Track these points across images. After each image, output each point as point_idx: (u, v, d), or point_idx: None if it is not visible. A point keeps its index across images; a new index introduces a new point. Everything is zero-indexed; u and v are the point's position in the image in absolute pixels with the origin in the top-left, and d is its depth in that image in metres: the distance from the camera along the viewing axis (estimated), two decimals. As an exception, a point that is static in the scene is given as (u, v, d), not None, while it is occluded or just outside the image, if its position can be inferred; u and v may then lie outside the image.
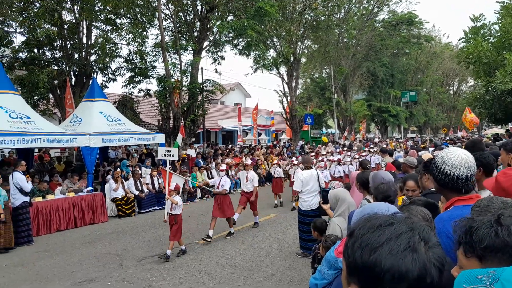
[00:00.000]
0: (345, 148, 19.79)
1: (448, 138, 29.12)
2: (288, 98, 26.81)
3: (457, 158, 2.06)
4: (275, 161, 14.72)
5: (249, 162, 10.44)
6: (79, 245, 8.88)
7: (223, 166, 10.13)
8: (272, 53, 25.51)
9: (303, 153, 19.18)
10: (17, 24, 15.55)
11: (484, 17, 23.17)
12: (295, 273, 6.63)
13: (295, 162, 12.85)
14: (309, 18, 25.98)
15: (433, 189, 3.30)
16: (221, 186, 9.04)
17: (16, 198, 8.93)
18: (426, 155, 7.84)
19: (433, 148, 10.60)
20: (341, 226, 4.49)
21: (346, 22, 29.01)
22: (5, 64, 14.96)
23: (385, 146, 19.73)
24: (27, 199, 9.13)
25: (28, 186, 9.05)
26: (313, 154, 15.98)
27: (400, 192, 4.17)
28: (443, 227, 1.91)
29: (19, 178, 8.95)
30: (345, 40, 31.54)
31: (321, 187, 7.70)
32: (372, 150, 16.85)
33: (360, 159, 14.08)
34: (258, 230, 9.65)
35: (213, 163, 16.86)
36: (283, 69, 26.57)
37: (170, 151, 8.88)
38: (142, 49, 18.45)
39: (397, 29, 32.58)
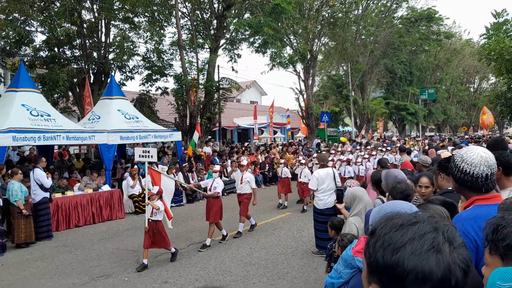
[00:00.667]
0: (361, 147, 19.58)
1: (467, 136, 28.56)
2: (305, 95, 26.69)
3: (477, 157, 2.01)
4: (282, 161, 14.11)
5: (245, 162, 9.67)
6: (97, 241, 9.02)
7: (244, 162, 9.70)
8: (288, 50, 25.43)
9: (319, 151, 19.07)
10: (38, 23, 15.88)
11: (507, 13, 22.57)
12: (311, 271, 6.60)
13: (302, 161, 12.49)
14: (326, 15, 25.80)
15: (450, 188, 3.24)
16: (213, 188, 8.34)
17: (36, 194, 9.13)
18: (444, 153, 7.72)
19: (452, 147, 10.41)
20: (357, 226, 4.45)
21: (364, 19, 28.70)
22: (27, 63, 15.31)
23: (402, 144, 19.45)
24: (47, 195, 9.32)
25: (48, 182, 9.23)
26: (332, 152, 15.91)
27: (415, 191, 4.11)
28: (462, 226, 1.87)
29: (39, 174, 9.14)
30: (362, 37, 31.21)
31: (337, 185, 7.65)
32: (384, 149, 16.25)
33: (376, 158, 13.85)
34: (274, 228, 9.63)
35: (229, 161, 16.90)
36: (299, 67, 26.47)
37: (148, 151, 7.77)
38: (160, 48, 18.64)
39: (416, 26, 32.06)
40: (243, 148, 21.12)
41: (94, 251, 8.15)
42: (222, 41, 20.06)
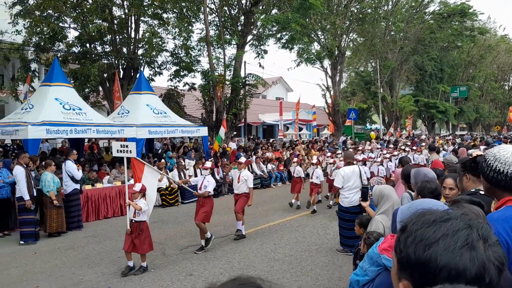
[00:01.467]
0: (384, 146, 19.22)
1: (501, 136, 27.58)
2: (331, 92, 26.42)
3: (511, 155, 1.94)
4: (294, 159, 13.16)
5: (242, 160, 8.98)
6: (124, 232, 9.22)
7: (242, 159, 9.13)
8: (316, 46, 25.21)
9: (345, 148, 18.86)
10: (71, 19, 16.34)
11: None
12: (335, 269, 6.56)
13: (314, 161, 11.78)
14: (355, 10, 25.40)
15: (474, 190, 3.13)
16: (204, 187, 7.72)
17: (68, 185, 9.44)
18: (476, 153, 7.50)
19: (485, 146, 10.08)
20: (384, 224, 4.38)
21: (394, 14, 28.09)
22: (60, 58, 15.77)
23: (431, 143, 18.96)
24: (77, 186, 9.62)
25: (79, 174, 9.52)
26: (359, 149, 15.72)
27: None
28: (493, 227, 1.82)
29: (70, 167, 9.44)
30: (392, 33, 30.55)
31: (363, 183, 7.55)
32: (407, 149, 15.61)
33: (397, 158, 13.45)
34: (298, 225, 9.60)
35: (254, 157, 16.95)
36: (327, 63, 26.20)
37: (126, 146, 7.05)
38: (187, 44, 18.82)
39: (449, 21, 31.10)
40: (268, 144, 21.13)
41: (121, 243, 8.31)
42: (249, 37, 20.08)
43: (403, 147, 16.10)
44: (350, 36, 27.34)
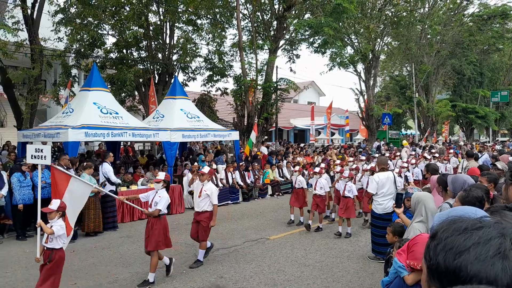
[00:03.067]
0: (415, 152, 18.69)
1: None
2: (365, 96, 26.02)
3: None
4: (296, 168, 10.99)
5: (206, 170, 7.23)
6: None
7: (206, 169, 7.39)
8: (349, 50, 24.93)
9: (379, 154, 18.50)
10: (109, 26, 16.95)
11: None
12: (366, 276, 6.44)
13: (317, 170, 9.98)
14: (390, 14, 24.94)
15: None
16: (154, 204, 6.29)
17: (104, 187, 9.76)
18: (518, 160, 7.18)
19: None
20: (422, 231, 4.28)
21: (430, 17, 27.37)
22: (98, 64, 16.38)
23: (469, 149, 18.28)
24: (113, 188, 9.92)
25: (115, 178, 9.82)
26: (397, 155, 15.37)
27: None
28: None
29: (107, 169, 9.76)
30: (428, 36, 29.79)
31: (397, 189, 7.39)
32: (429, 156, 14.34)
33: (415, 168, 12.47)
34: (329, 231, 9.48)
35: (284, 161, 16.92)
36: (360, 67, 25.85)
37: (41, 150, 5.94)
38: (221, 49, 19.08)
39: (489, 24, 30.01)
40: (299, 149, 21.04)
41: (155, 243, 8.54)
42: (282, 42, 20.13)
43: (424, 155, 14.85)
44: (384, 39, 26.86)
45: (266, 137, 21.73)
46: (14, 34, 13.50)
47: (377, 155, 15.83)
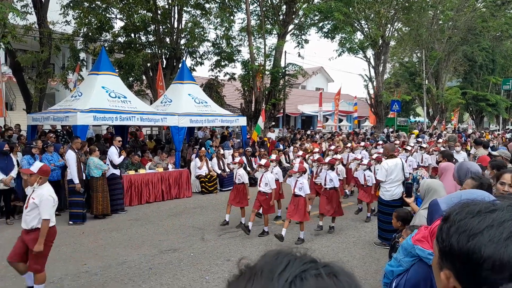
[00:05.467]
0: (431, 138, 18.55)
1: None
2: (374, 83, 25.76)
3: None
4: (273, 156, 9.44)
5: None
6: (165, 217, 9.55)
7: (332, 147, 9.40)
8: (359, 35, 24.60)
9: (387, 141, 18.40)
10: (118, 10, 16.87)
11: None
12: (372, 262, 6.48)
13: (263, 162, 8.24)
14: (401, -1, 24.50)
15: None
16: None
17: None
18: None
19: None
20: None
21: (443, 2, 26.80)
22: (107, 48, 16.37)
23: (477, 137, 18.06)
24: (116, 171, 9.95)
25: (116, 159, 9.85)
26: (397, 142, 15.20)
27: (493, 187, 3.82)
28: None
29: (111, 151, 9.87)
30: (440, 22, 29.23)
31: (405, 176, 7.37)
32: (424, 146, 12.49)
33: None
34: (336, 217, 9.47)
35: (291, 147, 16.91)
36: (370, 53, 25.53)
37: None
38: (229, 34, 18.95)
39: (503, 9, 29.35)
40: (306, 136, 20.98)
41: (162, 226, 8.65)
42: (291, 27, 19.92)
43: (409, 146, 12.18)
44: (395, 25, 26.44)
45: (273, 123, 21.68)
46: (23, 17, 13.51)
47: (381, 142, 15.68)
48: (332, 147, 11.54)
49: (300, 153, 10.74)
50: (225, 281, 0.75)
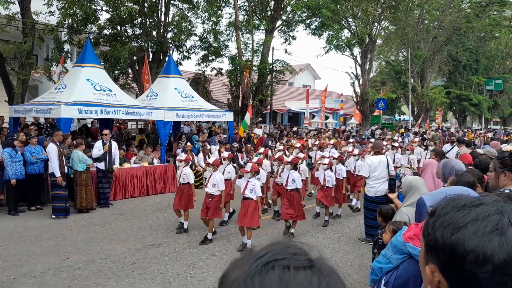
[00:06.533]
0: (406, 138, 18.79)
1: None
2: (360, 81, 25.96)
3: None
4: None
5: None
6: (150, 212, 9.48)
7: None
8: (346, 33, 24.73)
9: (372, 139, 18.56)
10: (103, 2, 16.59)
11: None
12: (356, 258, 6.55)
13: (210, 161, 7.49)
14: (388, -3, 24.68)
15: (508, 189, 3.03)
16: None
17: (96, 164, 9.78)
18: (507, 148, 7.25)
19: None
20: (410, 216, 4.33)
21: (429, 2, 27.13)
22: (92, 40, 16.10)
23: (460, 136, 18.38)
24: (100, 166, 9.84)
25: (94, 153, 9.75)
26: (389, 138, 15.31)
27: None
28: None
29: (95, 145, 9.81)
30: (426, 22, 29.60)
31: (389, 174, 7.45)
32: (396, 145, 12.08)
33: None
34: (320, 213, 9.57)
35: (277, 144, 16.93)
36: (357, 51, 25.73)
37: None
38: (216, 28, 18.83)
39: (487, 11, 29.82)
40: (292, 132, 21.03)
41: (147, 221, 8.59)
42: (278, 23, 19.91)
43: (385, 143, 12.07)
44: (381, 24, 26.66)
45: (260, 119, 21.68)
46: (6, 6, 13.18)
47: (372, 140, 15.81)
48: (317, 142, 11.59)
49: (281, 147, 10.70)
50: (209, 276, 0.77)
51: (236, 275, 0.72)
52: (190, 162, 8.40)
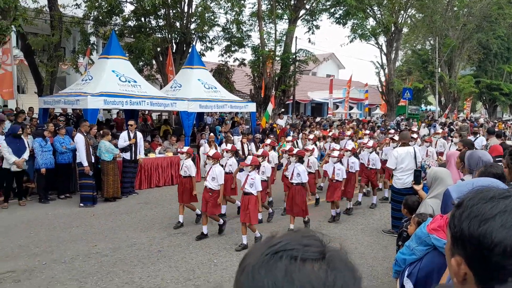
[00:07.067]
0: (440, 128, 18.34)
1: None
2: (386, 70, 25.43)
3: None
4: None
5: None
6: (175, 201, 9.56)
7: (311, 136, 9.30)
8: (371, 22, 24.21)
9: (398, 129, 18.24)
10: (128, -7, 16.79)
11: None
12: (380, 249, 6.49)
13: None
14: (415, -16, 24.00)
15: None
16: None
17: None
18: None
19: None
20: (434, 208, 4.26)
21: (458, -12, 26.26)
22: (117, 32, 16.34)
23: (490, 127, 17.80)
24: (125, 156, 10.05)
25: (120, 143, 9.93)
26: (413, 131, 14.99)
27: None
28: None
29: (121, 136, 10.01)
30: (455, 8, 28.64)
31: (417, 165, 7.31)
32: (414, 136, 10.79)
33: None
34: (343, 204, 9.48)
35: (300, 134, 16.86)
36: (382, 39, 25.14)
37: None
38: (239, 18, 18.77)
39: (520, -4, 28.61)
40: (315, 123, 20.89)
41: (172, 210, 8.74)
42: (302, 12, 19.67)
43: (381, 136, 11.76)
44: (408, 12, 25.93)
45: (282, 109, 21.60)
46: (34, 0, 13.51)
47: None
48: (330, 134, 11.34)
49: (311, 136, 10.61)
50: (233, 265, 0.78)
51: (248, 262, 0.73)
52: (193, 155, 8.11)
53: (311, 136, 10.62)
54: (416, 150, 7.53)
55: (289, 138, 9.32)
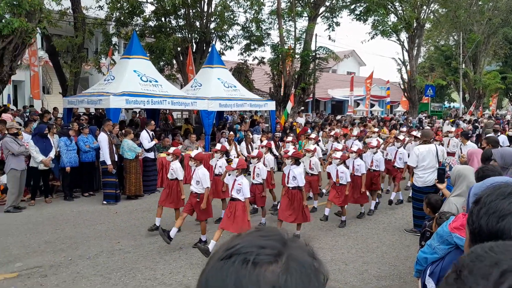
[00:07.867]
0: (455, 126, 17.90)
1: None
2: (408, 67, 25.00)
3: None
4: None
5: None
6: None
7: (313, 135, 9.21)
8: (392, 18, 23.84)
9: (420, 127, 17.93)
10: (149, -6, 17.02)
11: None
12: (402, 248, 6.39)
13: (192, 154, 6.72)
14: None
15: None
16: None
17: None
18: None
19: None
20: (458, 206, 4.18)
21: (483, -19, 25.60)
22: (138, 32, 16.60)
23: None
24: (149, 155, 10.20)
25: (147, 144, 10.08)
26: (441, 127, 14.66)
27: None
28: None
29: (142, 136, 10.13)
30: (479, 3, 27.93)
31: (439, 163, 7.17)
32: (400, 138, 9.71)
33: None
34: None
35: (321, 132, 16.75)
36: (403, 36, 24.72)
37: None
38: (258, 17, 18.77)
39: (548, -12, 27.69)
40: (336, 121, 20.72)
41: (192, 208, 8.81)
42: (322, 9, 19.53)
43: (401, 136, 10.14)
44: (431, 7, 25.40)
45: (302, 108, 21.51)
46: (58, 2, 13.83)
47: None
48: (332, 133, 10.72)
49: (332, 132, 10.43)
50: None
51: (205, 268, 0.71)
52: (181, 156, 7.70)
53: (313, 135, 10.21)
54: (438, 148, 7.39)
55: (313, 135, 9.16)
